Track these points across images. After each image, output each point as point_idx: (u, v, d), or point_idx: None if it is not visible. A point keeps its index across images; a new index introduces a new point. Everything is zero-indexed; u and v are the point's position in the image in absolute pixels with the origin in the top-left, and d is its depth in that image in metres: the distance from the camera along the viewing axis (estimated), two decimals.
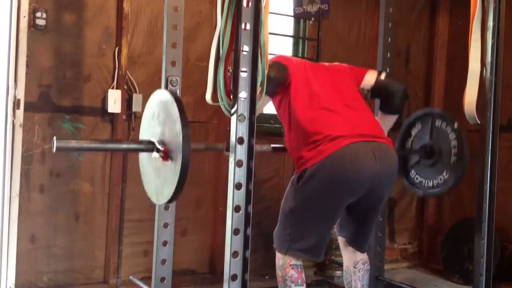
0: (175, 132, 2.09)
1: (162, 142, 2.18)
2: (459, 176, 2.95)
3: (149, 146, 2.22)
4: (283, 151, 2.79)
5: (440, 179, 3.02)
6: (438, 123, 3.08)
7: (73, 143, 2.41)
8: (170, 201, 2.17)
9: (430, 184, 3.08)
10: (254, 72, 1.99)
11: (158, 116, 2.27)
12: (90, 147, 2.55)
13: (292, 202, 2.59)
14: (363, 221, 2.75)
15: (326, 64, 2.96)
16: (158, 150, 2.18)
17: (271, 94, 2.64)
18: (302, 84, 2.68)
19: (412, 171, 3.18)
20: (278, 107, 2.77)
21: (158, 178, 2.26)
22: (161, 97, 2.28)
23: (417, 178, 3.15)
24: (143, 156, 2.44)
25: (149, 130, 2.35)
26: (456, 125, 2.98)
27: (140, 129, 2.47)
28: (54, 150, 2.07)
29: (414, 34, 4.72)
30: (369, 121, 2.70)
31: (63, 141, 2.12)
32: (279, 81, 2.64)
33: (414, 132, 3.19)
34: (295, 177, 2.59)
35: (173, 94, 2.19)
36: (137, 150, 2.42)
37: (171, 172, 2.12)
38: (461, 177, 2.97)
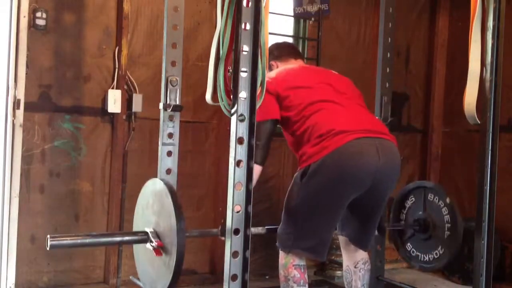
0: (169, 226, 2.08)
1: (156, 234, 2.18)
2: (453, 252, 3.00)
3: (144, 238, 2.21)
4: (274, 234, 2.69)
5: (436, 254, 3.08)
6: (430, 196, 3.12)
7: (68, 240, 2.23)
8: None
9: (426, 258, 3.13)
10: (254, 72, 1.99)
11: (152, 206, 2.25)
12: (83, 243, 2.35)
13: (296, 199, 2.58)
14: (366, 218, 2.75)
15: (335, 73, 2.91)
16: (152, 242, 2.18)
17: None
18: (299, 95, 2.65)
19: (408, 244, 3.24)
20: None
21: (152, 269, 2.23)
22: (155, 187, 2.27)
23: (413, 252, 3.21)
24: (137, 246, 2.41)
25: (143, 219, 2.33)
26: (448, 200, 3.01)
27: (134, 217, 2.45)
28: (48, 248, 2.05)
29: (414, 34, 4.72)
30: (374, 118, 2.73)
31: (57, 239, 2.10)
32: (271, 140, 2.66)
33: (408, 204, 3.24)
34: (299, 174, 2.58)
35: (167, 184, 2.20)
36: (131, 242, 2.38)
37: (165, 266, 2.10)
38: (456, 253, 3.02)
